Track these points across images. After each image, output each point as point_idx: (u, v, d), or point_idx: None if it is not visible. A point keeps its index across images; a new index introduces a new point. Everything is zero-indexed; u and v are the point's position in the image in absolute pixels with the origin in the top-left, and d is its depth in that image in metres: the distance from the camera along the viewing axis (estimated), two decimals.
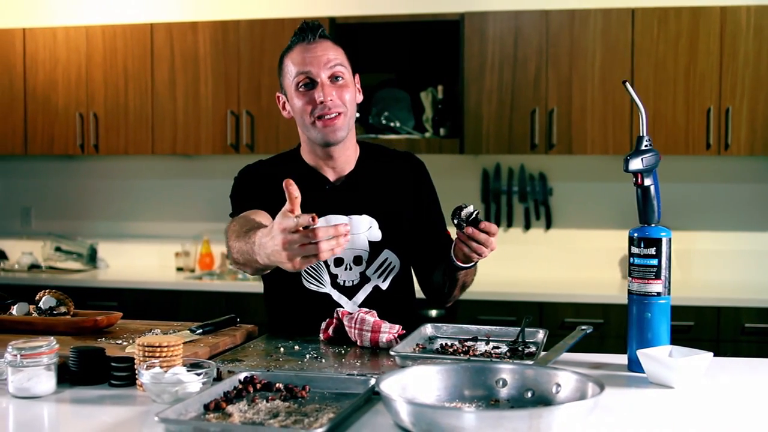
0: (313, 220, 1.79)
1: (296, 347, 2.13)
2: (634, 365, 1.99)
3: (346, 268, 2.41)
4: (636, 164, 1.94)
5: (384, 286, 2.44)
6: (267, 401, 1.70)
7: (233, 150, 5.11)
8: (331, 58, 2.34)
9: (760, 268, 4.94)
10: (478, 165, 5.23)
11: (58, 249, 5.55)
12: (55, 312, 2.25)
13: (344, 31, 5.07)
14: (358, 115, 4.56)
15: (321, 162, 2.45)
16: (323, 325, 2.25)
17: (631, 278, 2.01)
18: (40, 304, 2.27)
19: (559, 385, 1.67)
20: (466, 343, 2.10)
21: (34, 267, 5.44)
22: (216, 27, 5.10)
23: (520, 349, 2.06)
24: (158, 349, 1.80)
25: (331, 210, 2.42)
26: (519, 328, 2.18)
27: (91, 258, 5.56)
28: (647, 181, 1.97)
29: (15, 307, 2.27)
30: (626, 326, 4.31)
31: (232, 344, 2.16)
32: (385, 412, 1.65)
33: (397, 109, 5.14)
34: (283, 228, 1.80)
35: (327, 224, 2.25)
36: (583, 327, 2.01)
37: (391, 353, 1.92)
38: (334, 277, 2.41)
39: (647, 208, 1.98)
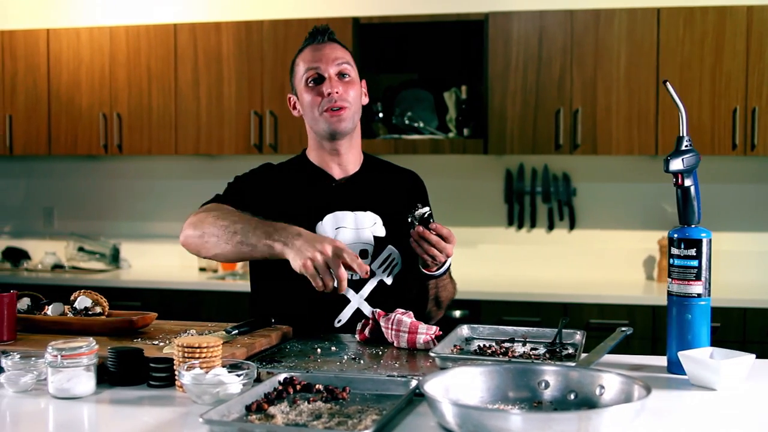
0: (366, 273, 2.05)
1: (333, 348, 2.13)
2: (675, 367, 1.97)
3: None
4: (677, 164, 1.93)
5: (388, 281, 2.46)
6: (308, 402, 1.69)
7: (257, 150, 5.11)
8: (339, 56, 2.46)
9: None
10: (502, 165, 5.22)
11: (81, 249, 5.57)
12: (90, 312, 2.25)
13: (367, 32, 5.06)
14: (377, 116, 4.55)
15: (327, 158, 2.53)
16: (359, 326, 2.25)
17: (671, 279, 1.99)
18: (75, 305, 2.26)
19: (602, 387, 1.65)
20: (503, 345, 2.09)
21: (57, 267, 5.46)
22: (239, 27, 5.10)
23: (558, 350, 2.05)
24: (197, 350, 1.80)
25: (337, 206, 2.47)
26: (555, 330, 2.17)
27: (114, 258, 5.57)
28: (687, 182, 1.95)
29: (50, 307, 2.27)
30: (652, 327, 4.32)
31: (267, 345, 2.15)
32: (426, 414, 1.64)
33: (420, 109, 5.13)
34: (336, 244, 2.03)
35: (335, 220, 2.38)
36: (623, 329, 1.99)
37: (431, 354, 1.91)
38: None
39: (687, 208, 1.96)
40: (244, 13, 5.35)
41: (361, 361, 1.98)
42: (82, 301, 2.25)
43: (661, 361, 2.09)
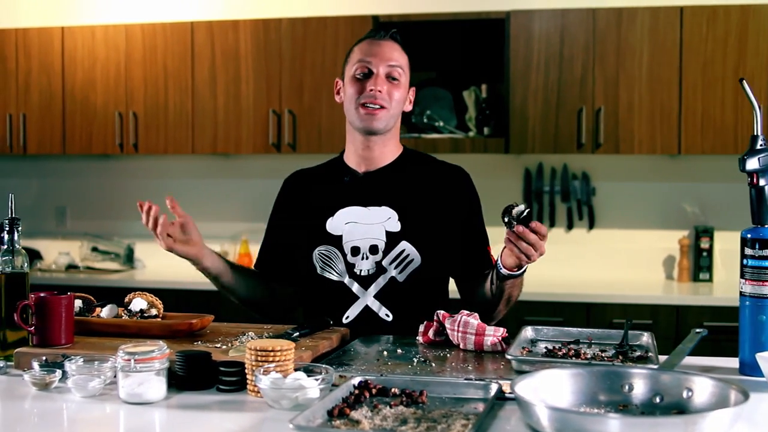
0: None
1: (399, 351, 2.09)
2: (748, 368, 1.95)
3: (362, 257, 2.44)
4: (753, 164, 1.91)
5: (400, 278, 2.44)
6: (390, 407, 1.66)
7: (275, 149, 5.07)
8: (394, 57, 2.46)
9: None
10: (521, 164, 5.19)
11: (94, 249, 5.52)
12: (145, 315, 2.21)
13: (387, 30, 5.01)
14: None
15: (359, 150, 2.52)
16: (421, 328, 2.22)
17: (744, 280, 1.97)
18: (131, 307, 2.23)
19: (690, 390, 1.63)
20: (571, 347, 2.06)
21: (71, 267, 5.41)
22: (257, 25, 5.06)
23: (627, 352, 2.03)
24: (271, 354, 1.76)
25: (349, 201, 2.49)
26: (617, 331, 2.16)
27: (129, 258, 5.52)
28: (762, 181, 1.92)
29: (104, 309, 2.23)
30: (675, 327, 4.29)
31: (329, 347, 2.12)
32: (507, 417, 1.63)
33: (439, 108, 5.09)
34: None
35: (346, 215, 2.49)
36: (698, 330, 1.96)
37: (508, 357, 1.88)
38: (350, 267, 2.45)
39: (761, 208, 1.93)
40: (262, 11, 5.29)
41: (433, 364, 1.95)
42: (138, 303, 2.21)
43: (733, 362, 2.06)
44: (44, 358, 1.91)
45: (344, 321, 2.41)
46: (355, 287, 2.43)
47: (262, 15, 5.21)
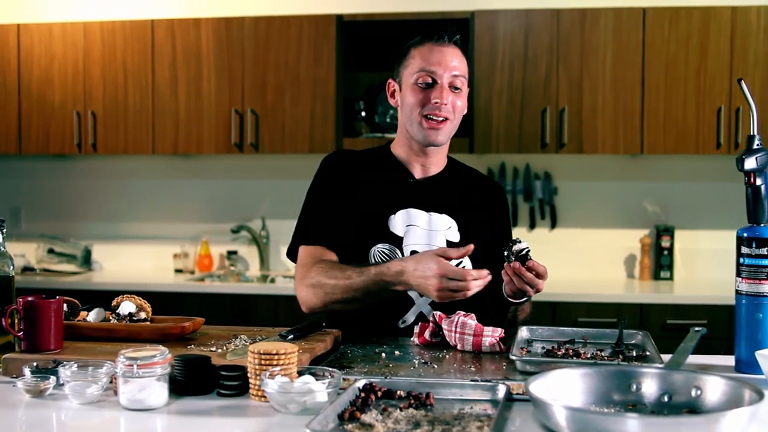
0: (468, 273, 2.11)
1: (396, 352, 2.07)
2: (744, 366, 1.97)
3: None
4: (751, 163, 1.92)
5: None
6: (400, 410, 1.64)
7: (237, 149, 5.01)
8: (458, 66, 2.36)
9: None
10: (483, 164, 5.19)
11: (51, 251, 5.41)
12: (134, 318, 2.16)
13: (351, 29, 5.00)
14: (360, 115, 4.51)
15: (413, 157, 2.46)
16: (416, 329, 2.20)
17: (740, 279, 1.99)
18: (119, 310, 2.17)
19: (698, 389, 1.63)
20: (568, 347, 2.06)
21: (26, 270, 5.29)
22: (219, 24, 5.00)
23: (624, 351, 2.03)
24: (275, 357, 1.73)
25: (411, 203, 2.41)
26: (612, 330, 2.16)
27: (86, 260, 5.42)
28: (758, 181, 1.94)
29: (91, 313, 2.17)
30: (639, 325, 4.33)
31: (324, 349, 2.09)
32: (514, 418, 1.63)
33: None
34: (442, 273, 2.07)
35: (407, 217, 2.33)
36: (697, 329, 1.97)
37: (513, 357, 1.87)
38: None
39: (758, 207, 1.95)
40: (225, 10, 5.23)
41: (435, 366, 1.93)
42: (126, 307, 2.16)
43: (727, 360, 2.08)
44: (35, 364, 1.86)
45: (400, 326, 2.35)
46: (412, 293, 2.34)
47: (224, 13, 5.15)
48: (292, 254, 2.50)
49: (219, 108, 5.02)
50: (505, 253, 2.22)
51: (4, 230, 2.07)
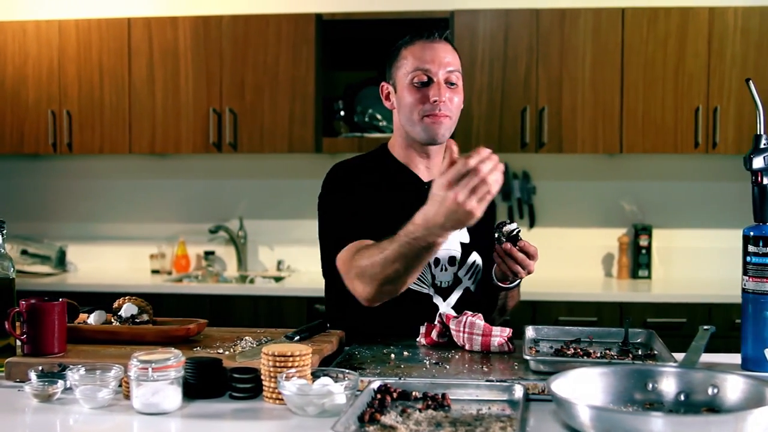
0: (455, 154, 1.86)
1: (405, 353, 2.06)
2: (751, 364, 1.98)
3: (442, 269, 2.37)
4: (758, 162, 1.93)
5: (473, 288, 2.42)
6: (420, 411, 1.63)
7: (215, 149, 4.96)
8: (451, 61, 2.33)
9: None
10: None
11: (24, 252, 5.32)
12: (137, 320, 2.13)
13: (330, 28, 4.98)
14: (338, 114, 4.50)
15: (416, 159, 2.42)
16: (423, 330, 2.19)
17: (747, 277, 2.00)
18: (121, 312, 2.14)
19: (715, 387, 1.64)
20: (576, 346, 2.06)
21: None
22: (197, 22, 4.95)
23: (631, 351, 2.04)
24: (290, 359, 1.71)
25: None
26: (617, 329, 2.18)
27: (60, 261, 5.34)
28: (766, 180, 1.95)
29: (92, 315, 2.14)
30: (619, 324, 4.36)
31: (331, 350, 2.08)
32: (532, 417, 1.63)
33: (381, 107, 5.05)
34: (447, 182, 1.81)
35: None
36: (706, 327, 1.98)
37: (526, 357, 1.86)
38: (432, 278, 2.37)
39: (764, 206, 1.96)
40: (202, 8, 5.18)
41: (447, 367, 1.92)
42: (129, 309, 2.13)
43: (733, 358, 2.09)
44: (40, 367, 1.82)
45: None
46: (437, 299, 2.35)
47: (202, 12, 5.09)
48: (331, 272, 2.33)
49: (197, 107, 4.97)
50: (496, 235, 2.22)
51: (4, 231, 2.03)
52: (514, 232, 2.21)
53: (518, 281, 2.37)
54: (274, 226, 5.38)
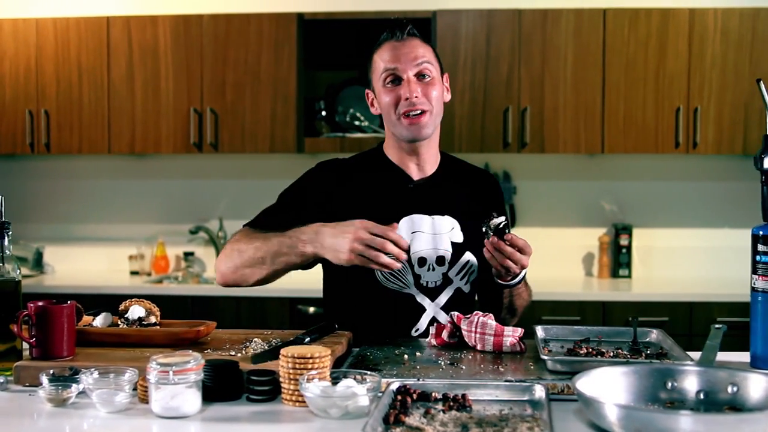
0: (393, 227, 2.05)
1: (418, 354, 2.05)
2: (761, 362, 1.99)
3: (429, 269, 2.37)
4: None
5: (466, 288, 2.41)
6: (443, 412, 1.62)
7: (196, 149, 4.93)
8: (419, 55, 2.34)
9: (727, 264, 5.05)
10: None
11: None
12: (144, 322, 2.10)
13: (312, 28, 4.96)
14: (320, 114, 4.49)
15: (406, 158, 2.43)
16: (433, 330, 2.18)
17: (757, 276, 2.01)
18: (128, 315, 2.11)
19: (735, 386, 1.65)
20: (587, 345, 2.07)
21: None
22: (177, 21, 4.91)
23: (642, 350, 2.05)
24: (310, 361, 1.70)
25: (414, 209, 2.39)
26: (626, 328, 2.18)
27: (37, 263, 5.27)
28: None
29: (98, 318, 2.11)
30: (602, 323, 4.38)
31: (342, 352, 2.06)
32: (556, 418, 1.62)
33: (362, 107, 5.05)
34: (365, 225, 2.03)
35: (411, 224, 2.25)
36: (718, 326, 1.99)
37: (544, 357, 1.86)
38: (417, 278, 2.36)
39: None
40: (183, 7, 5.13)
41: (463, 367, 1.92)
42: (136, 311, 2.10)
43: (742, 357, 2.10)
44: (51, 371, 1.79)
45: (414, 333, 2.34)
46: (423, 299, 2.35)
47: (182, 10, 5.05)
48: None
49: (177, 107, 4.93)
50: (483, 229, 2.20)
51: (10, 233, 2.00)
52: (501, 225, 2.17)
53: (520, 278, 2.35)
54: None
